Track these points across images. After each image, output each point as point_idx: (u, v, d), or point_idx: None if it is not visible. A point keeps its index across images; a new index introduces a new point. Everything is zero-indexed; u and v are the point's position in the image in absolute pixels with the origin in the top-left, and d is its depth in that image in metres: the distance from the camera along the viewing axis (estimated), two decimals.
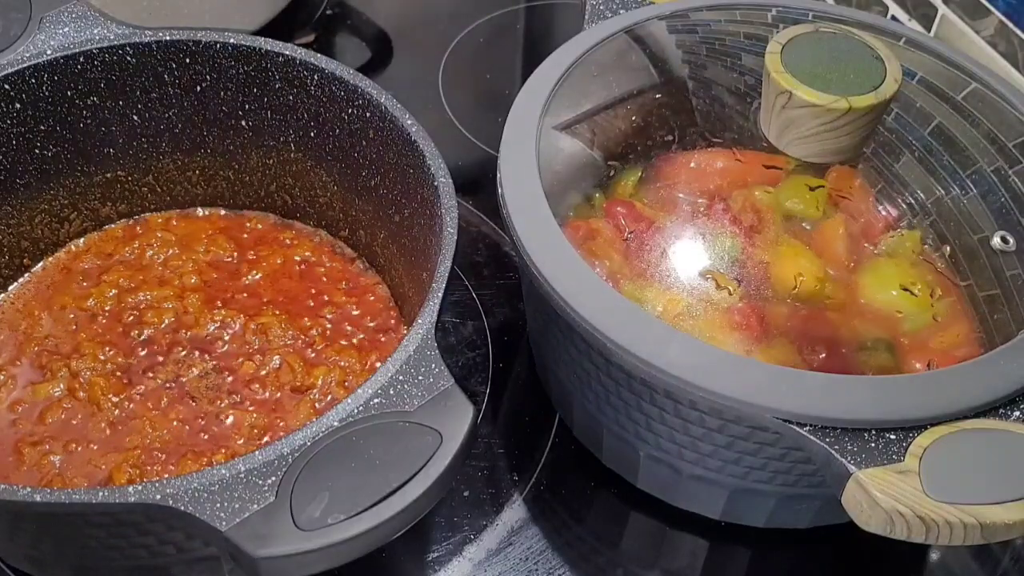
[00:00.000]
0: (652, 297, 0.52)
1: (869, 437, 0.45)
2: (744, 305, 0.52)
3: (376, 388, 0.45)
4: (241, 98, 0.63)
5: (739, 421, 0.48)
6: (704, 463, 0.52)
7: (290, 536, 0.41)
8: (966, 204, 0.56)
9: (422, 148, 0.56)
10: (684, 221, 0.56)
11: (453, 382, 0.46)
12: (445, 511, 0.58)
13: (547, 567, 0.57)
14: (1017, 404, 0.47)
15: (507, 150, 0.56)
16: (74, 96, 0.61)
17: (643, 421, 0.52)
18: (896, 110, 0.59)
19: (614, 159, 0.60)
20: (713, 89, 0.63)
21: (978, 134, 0.58)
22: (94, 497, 0.42)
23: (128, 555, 0.47)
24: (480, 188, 0.75)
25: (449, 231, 0.52)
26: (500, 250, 0.73)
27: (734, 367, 0.47)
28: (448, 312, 0.68)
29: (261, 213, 0.68)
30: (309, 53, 0.60)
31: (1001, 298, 0.53)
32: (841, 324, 0.52)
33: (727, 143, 0.59)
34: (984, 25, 0.72)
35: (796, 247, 0.54)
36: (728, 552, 0.58)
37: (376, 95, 0.58)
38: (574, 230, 0.55)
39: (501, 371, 0.65)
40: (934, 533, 0.43)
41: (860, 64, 0.56)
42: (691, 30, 0.65)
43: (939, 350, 0.51)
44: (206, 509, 0.42)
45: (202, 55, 0.61)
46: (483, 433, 0.62)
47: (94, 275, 0.64)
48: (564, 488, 0.60)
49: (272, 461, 0.43)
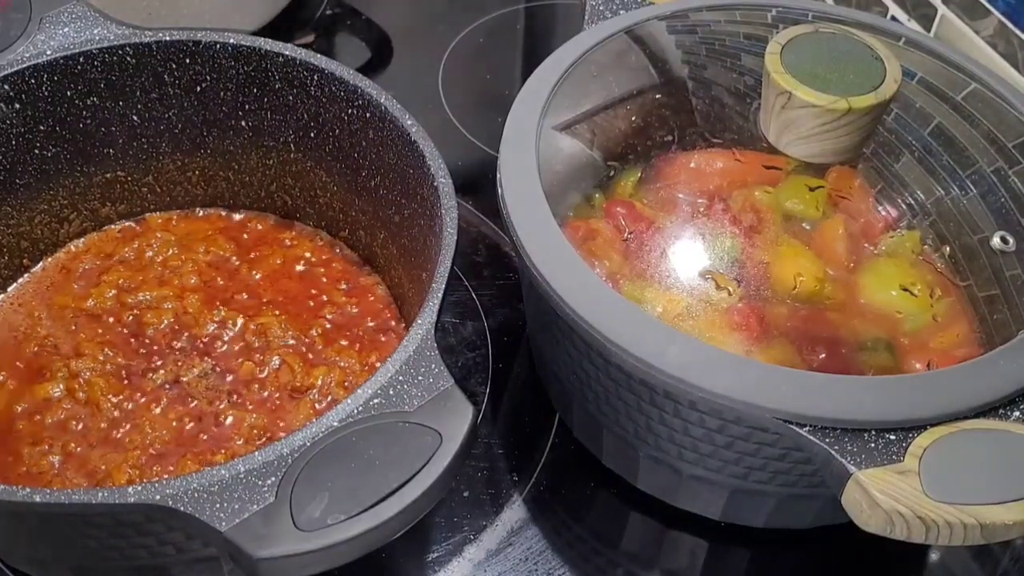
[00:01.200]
0: (652, 297, 0.52)
1: (869, 437, 0.45)
2: (744, 305, 0.52)
3: (376, 388, 0.45)
4: (241, 98, 0.63)
5: (739, 421, 0.48)
6: (704, 463, 0.52)
7: (290, 536, 0.41)
8: (966, 204, 0.56)
9: (422, 148, 0.56)
10: (684, 221, 0.56)
11: (453, 382, 0.46)
12: (445, 511, 0.58)
13: (547, 567, 0.57)
14: (1017, 404, 0.47)
15: (507, 150, 0.56)
16: (74, 96, 0.61)
17: (643, 421, 0.52)
18: (896, 110, 0.59)
19: (614, 159, 0.60)
20: (713, 89, 0.63)
21: (978, 134, 0.58)
22: (94, 497, 0.42)
23: (128, 555, 0.47)
24: (480, 188, 0.75)
25: (449, 231, 0.52)
26: (500, 250, 0.73)
27: (734, 367, 0.47)
28: (448, 312, 0.68)
29: (261, 213, 0.69)
30: (309, 53, 0.60)
31: (1001, 298, 0.53)
32: (841, 324, 0.52)
33: (727, 143, 0.59)
34: (984, 25, 0.72)
35: (796, 247, 0.54)
36: (728, 552, 0.58)
37: (376, 95, 0.58)
38: (574, 230, 0.55)
39: (501, 371, 0.65)
40: (934, 533, 0.43)
41: (860, 64, 0.56)
42: (691, 30, 0.65)
43: (939, 350, 0.51)
44: (206, 509, 0.42)
45: (202, 55, 0.61)
46: (483, 433, 0.62)
47: (94, 275, 0.64)
48: (564, 488, 0.60)
49: (272, 461, 0.43)
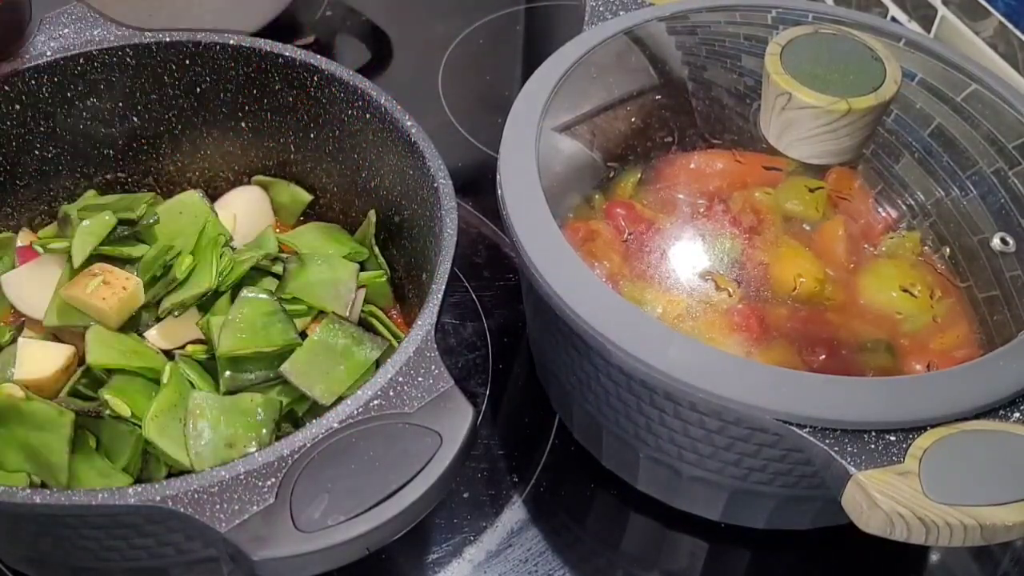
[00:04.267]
0: (652, 298, 0.52)
1: (869, 438, 0.45)
2: (744, 306, 0.52)
3: (376, 389, 0.45)
4: (241, 99, 0.63)
5: (739, 423, 0.48)
6: (704, 464, 0.52)
7: (290, 538, 0.41)
8: (966, 205, 0.56)
9: (422, 149, 0.56)
10: (684, 222, 0.56)
11: (453, 383, 0.46)
12: (445, 512, 0.58)
13: (547, 568, 0.57)
14: (1017, 405, 0.47)
15: (507, 151, 0.56)
16: (74, 97, 0.61)
17: (643, 422, 0.52)
18: (896, 111, 0.59)
19: (614, 160, 0.60)
20: (713, 90, 0.63)
21: (978, 135, 0.58)
22: (94, 499, 0.42)
23: (127, 556, 0.47)
24: (480, 189, 0.75)
25: (449, 232, 0.52)
26: (500, 251, 0.73)
27: (734, 368, 0.47)
28: (448, 313, 0.68)
29: None
30: (309, 54, 0.60)
31: (1001, 299, 0.53)
32: (841, 325, 0.52)
33: (727, 144, 0.59)
34: (984, 26, 0.72)
35: (796, 248, 0.54)
36: (728, 553, 0.58)
37: (376, 96, 0.58)
38: (574, 231, 0.55)
39: (501, 372, 0.65)
40: (934, 534, 0.43)
41: (860, 65, 0.56)
42: (691, 31, 0.65)
43: (939, 351, 0.51)
44: (206, 510, 0.42)
45: (202, 56, 0.62)
46: (483, 434, 0.62)
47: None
48: (564, 489, 0.60)
49: (272, 462, 0.43)
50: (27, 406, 0.51)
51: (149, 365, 0.54)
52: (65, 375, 0.55)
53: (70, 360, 0.55)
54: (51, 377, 0.54)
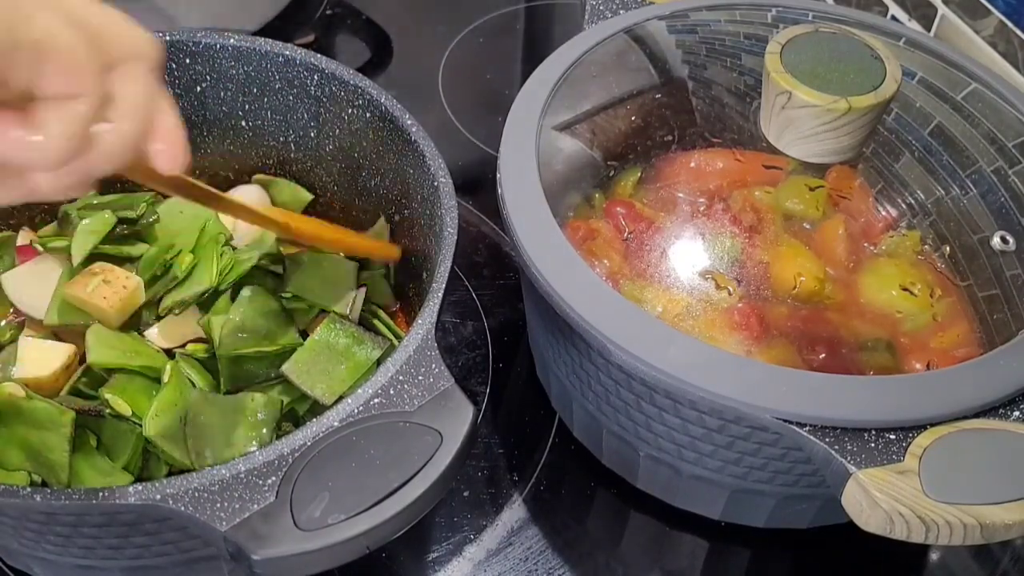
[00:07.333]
0: (652, 297, 0.52)
1: (869, 437, 0.45)
2: (744, 305, 0.52)
3: (376, 388, 0.45)
4: (241, 98, 0.63)
5: (739, 421, 0.48)
6: (704, 463, 0.53)
7: (290, 536, 0.41)
8: (966, 204, 0.56)
9: (422, 148, 0.56)
10: (684, 221, 0.56)
11: (453, 382, 0.46)
12: (445, 511, 0.58)
13: (547, 567, 0.57)
14: (1017, 404, 0.47)
15: (507, 150, 0.56)
16: None
17: (643, 421, 0.53)
18: (896, 110, 0.59)
19: (614, 159, 0.60)
20: (713, 89, 0.63)
21: (978, 134, 0.58)
22: (94, 497, 0.42)
23: (128, 555, 0.47)
24: (480, 188, 0.75)
25: (449, 231, 0.52)
26: (500, 250, 0.73)
27: (734, 367, 0.47)
28: (448, 312, 0.68)
29: None
30: (309, 53, 0.60)
31: (1001, 298, 0.53)
32: (841, 324, 0.52)
33: (727, 143, 0.59)
34: (984, 25, 0.72)
35: (796, 247, 0.54)
36: (728, 552, 0.58)
37: (376, 95, 0.58)
38: (574, 230, 0.55)
39: (501, 371, 0.65)
40: (934, 533, 0.43)
41: (860, 64, 0.56)
42: (691, 30, 0.65)
43: (939, 350, 0.51)
44: (206, 509, 0.42)
45: (202, 55, 0.61)
46: (483, 433, 0.62)
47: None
48: (564, 488, 0.60)
49: (272, 461, 0.43)
50: (28, 405, 0.51)
51: (150, 364, 0.54)
52: (66, 374, 0.55)
53: (71, 359, 0.55)
54: (52, 376, 0.54)
